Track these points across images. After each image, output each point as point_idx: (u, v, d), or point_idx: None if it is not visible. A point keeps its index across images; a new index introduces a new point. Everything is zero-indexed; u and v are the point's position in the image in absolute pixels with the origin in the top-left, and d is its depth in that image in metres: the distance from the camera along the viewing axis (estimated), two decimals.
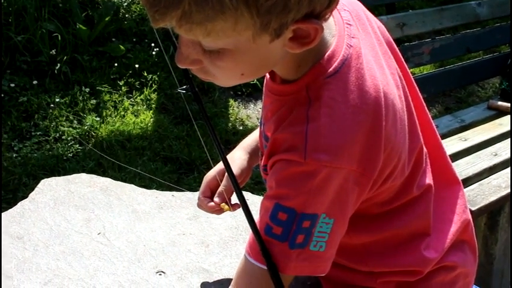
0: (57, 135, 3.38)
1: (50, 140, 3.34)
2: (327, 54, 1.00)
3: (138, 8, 4.39)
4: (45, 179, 1.74)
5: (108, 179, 1.75)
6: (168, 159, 3.35)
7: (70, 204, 1.62)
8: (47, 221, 1.55)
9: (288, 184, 0.98)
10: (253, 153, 1.34)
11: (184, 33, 0.90)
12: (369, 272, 1.19)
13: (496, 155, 2.57)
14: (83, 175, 1.78)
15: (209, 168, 1.38)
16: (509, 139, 2.72)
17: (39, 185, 1.70)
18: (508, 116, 2.98)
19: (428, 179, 1.18)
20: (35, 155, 3.22)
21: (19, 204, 1.62)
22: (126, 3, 4.38)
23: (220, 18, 0.85)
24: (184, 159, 3.33)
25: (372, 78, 1.01)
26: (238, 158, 1.33)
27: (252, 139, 1.37)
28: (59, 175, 2.90)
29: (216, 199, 1.31)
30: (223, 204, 1.30)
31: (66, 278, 1.37)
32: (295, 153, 0.96)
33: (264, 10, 0.85)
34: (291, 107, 1.00)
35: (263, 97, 1.16)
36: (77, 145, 3.33)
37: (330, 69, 0.99)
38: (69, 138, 3.36)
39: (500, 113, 3.03)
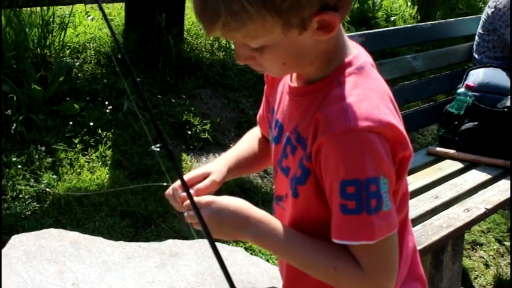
0: (14, 194, 3.43)
1: (7, 199, 3.38)
2: (352, 54, 1.20)
3: (90, 68, 4.51)
4: (16, 235, 1.82)
5: (77, 233, 1.85)
6: (125, 213, 3.42)
7: (42, 258, 1.70)
8: (21, 275, 1.63)
9: (344, 160, 1.12)
10: (231, 170, 1.48)
11: (230, 38, 1.15)
12: None
13: (436, 197, 2.76)
14: (52, 230, 1.87)
15: (165, 221, 1.45)
16: (447, 183, 2.93)
17: (11, 241, 1.78)
18: (446, 161, 3.19)
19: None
20: None
21: None
22: (78, 63, 4.49)
23: (250, 23, 1.09)
24: (141, 213, 3.41)
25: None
26: (224, 164, 1.48)
27: (231, 155, 1.52)
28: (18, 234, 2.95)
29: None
30: None
31: None
32: (339, 125, 1.12)
33: (282, 10, 1.08)
34: (325, 93, 1.17)
35: (283, 111, 1.29)
36: (35, 203, 3.38)
37: (357, 64, 1.19)
38: (26, 197, 3.41)
39: (439, 158, 3.24)
